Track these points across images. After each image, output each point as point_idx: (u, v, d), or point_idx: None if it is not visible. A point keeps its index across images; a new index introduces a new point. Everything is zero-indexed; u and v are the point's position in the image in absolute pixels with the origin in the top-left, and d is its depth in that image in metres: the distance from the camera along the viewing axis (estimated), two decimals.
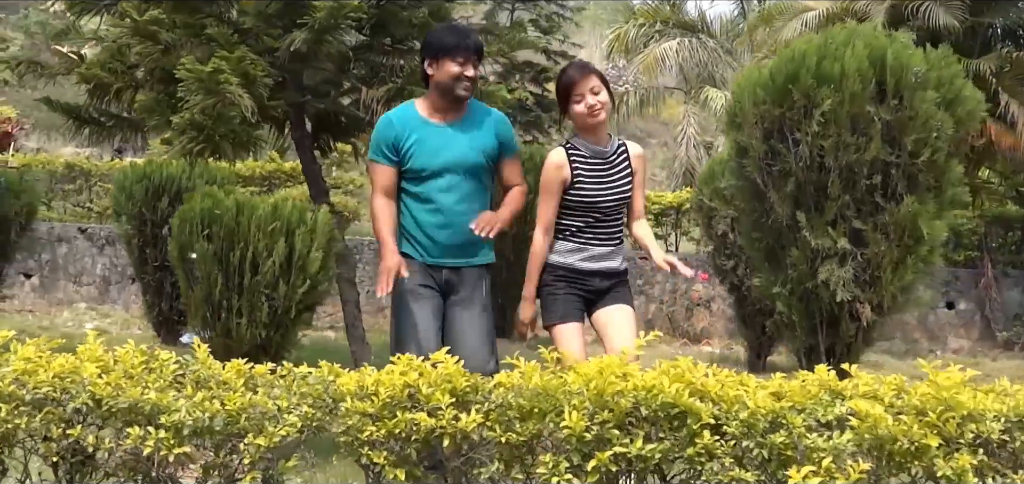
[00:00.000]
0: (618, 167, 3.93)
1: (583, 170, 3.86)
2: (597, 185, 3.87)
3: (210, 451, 2.38)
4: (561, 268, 3.89)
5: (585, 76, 3.87)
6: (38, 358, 2.55)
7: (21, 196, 5.80)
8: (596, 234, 3.92)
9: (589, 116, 3.82)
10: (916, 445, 2.04)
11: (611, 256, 3.94)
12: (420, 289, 3.86)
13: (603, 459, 2.17)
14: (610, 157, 3.93)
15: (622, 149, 3.99)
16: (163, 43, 5.69)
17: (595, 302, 3.95)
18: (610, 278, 3.94)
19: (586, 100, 3.81)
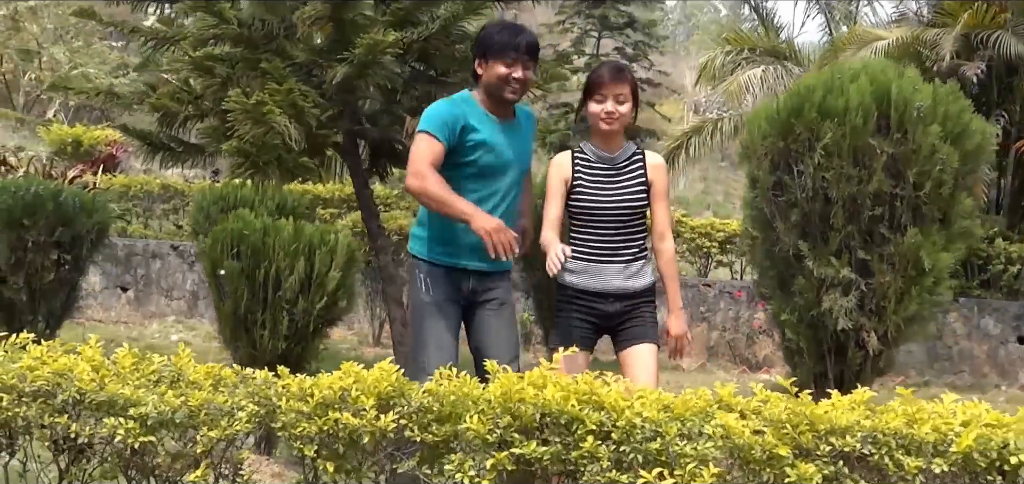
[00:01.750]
0: (627, 174, 3.75)
1: (585, 174, 3.73)
2: (598, 190, 3.71)
3: (177, 441, 2.73)
4: (570, 289, 3.76)
5: (616, 80, 3.72)
6: (45, 358, 2.94)
7: (93, 215, 6.31)
8: (604, 247, 3.73)
9: (602, 120, 3.68)
10: (769, 454, 2.25)
11: (626, 273, 3.73)
12: (444, 304, 3.76)
13: (500, 459, 2.43)
14: (619, 163, 3.75)
15: (636, 157, 3.79)
16: (220, 77, 6.18)
17: (617, 330, 3.77)
18: (624, 300, 3.73)
19: (606, 104, 3.67)
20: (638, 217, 3.78)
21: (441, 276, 3.80)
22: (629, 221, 3.75)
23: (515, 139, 3.84)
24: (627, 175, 3.75)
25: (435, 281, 3.80)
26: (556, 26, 19.78)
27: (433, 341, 3.68)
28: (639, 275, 3.77)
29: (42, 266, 6.11)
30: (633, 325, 3.76)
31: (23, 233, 6.05)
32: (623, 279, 3.73)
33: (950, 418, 2.35)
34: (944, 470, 2.21)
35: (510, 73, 3.70)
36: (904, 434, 2.28)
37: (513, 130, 3.84)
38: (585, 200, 3.72)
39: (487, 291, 3.84)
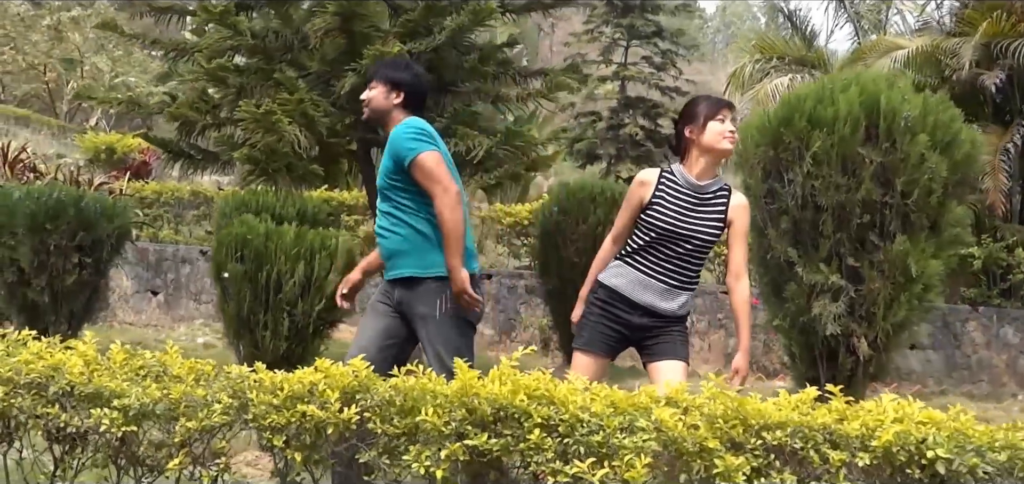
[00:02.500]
0: (711, 205, 3.75)
1: (668, 196, 3.74)
2: (675, 213, 3.72)
3: (159, 432, 2.90)
4: (604, 289, 3.80)
5: (729, 108, 3.81)
6: (41, 353, 3.13)
7: (114, 220, 6.54)
8: (657, 262, 3.74)
9: (725, 138, 3.71)
10: (700, 446, 2.37)
11: (665, 296, 3.73)
12: (377, 305, 4.04)
13: (453, 449, 2.57)
14: (705, 194, 3.75)
15: (722, 191, 3.79)
16: (234, 87, 6.40)
17: (644, 344, 3.80)
18: (656, 318, 3.74)
19: (727, 123, 3.72)
20: (703, 249, 3.78)
21: (381, 284, 4.10)
22: (691, 247, 3.74)
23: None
24: (710, 206, 3.76)
25: (381, 283, 4.10)
26: (584, 35, 19.88)
27: (360, 333, 3.97)
28: (678, 300, 3.77)
29: (64, 269, 6.36)
30: (662, 341, 3.77)
31: (46, 237, 6.29)
32: (661, 299, 3.74)
33: (880, 415, 2.45)
34: (867, 464, 2.32)
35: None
36: (832, 429, 2.39)
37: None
38: (658, 216, 3.73)
39: (415, 303, 3.91)
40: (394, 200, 3.95)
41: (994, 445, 2.29)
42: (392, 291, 4.03)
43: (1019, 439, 2.29)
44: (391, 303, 4.03)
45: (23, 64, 28.61)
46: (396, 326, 4.01)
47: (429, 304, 3.89)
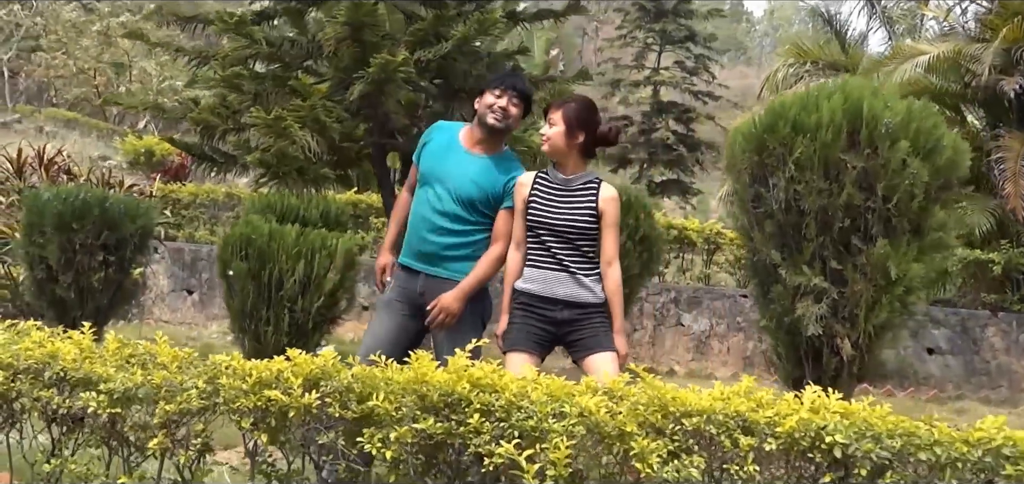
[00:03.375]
0: (578, 197, 4.07)
1: (539, 194, 4.09)
2: (547, 208, 4.05)
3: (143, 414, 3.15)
4: (521, 294, 4.10)
5: (551, 108, 4.13)
6: (42, 341, 3.41)
7: (137, 220, 6.86)
8: (549, 257, 4.06)
9: (544, 143, 4.11)
10: (619, 430, 2.56)
11: (568, 284, 4.04)
12: (393, 303, 4.29)
13: (402, 432, 2.79)
14: (573, 187, 4.09)
15: (591, 185, 4.11)
16: (250, 93, 6.68)
17: (571, 343, 4.09)
18: (573, 309, 4.05)
19: (544, 128, 4.11)
20: (585, 237, 4.08)
21: (398, 276, 4.33)
22: (570, 236, 4.06)
23: (473, 168, 4.25)
24: (577, 198, 4.08)
25: (395, 282, 4.34)
26: (617, 40, 20.04)
27: (371, 332, 4.21)
28: (582, 287, 4.06)
29: (89, 266, 6.68)
30: (586, 335, 4.07)
31: (72, 236, 6.62)
32: (566, 288, 4.05)
33: (797, 405, 2.63)
34: (773, 448, 2.50)
35: (496, 102, 4.21)
36: (745, 417, 2.58)
37: (480, 161, 4.27)
38: (533, 215, 4.09)
39: (433, 294, 4.19)
40: (480, 218, 4.25)
41: (892, 433, 2.46)
42: (414, 280, 4.26)
43: (914, 428, 2.45)
44: (410, 294, 4.26)
45: (74, 68, 29.33)
46: (411, 325, 4.27)
47: None
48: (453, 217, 4.24)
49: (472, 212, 4.24)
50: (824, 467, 2.47)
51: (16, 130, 24.27)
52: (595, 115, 4.23)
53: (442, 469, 2.87)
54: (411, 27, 6.77)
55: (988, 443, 2.37)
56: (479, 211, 4.25)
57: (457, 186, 4.24)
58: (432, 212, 4.25)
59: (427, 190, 4.30)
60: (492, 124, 4.22)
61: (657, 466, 2.50)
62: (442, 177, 4.26)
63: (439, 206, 4.24)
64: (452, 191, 4.24)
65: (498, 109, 4.20)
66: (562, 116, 4.08)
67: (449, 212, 4.23)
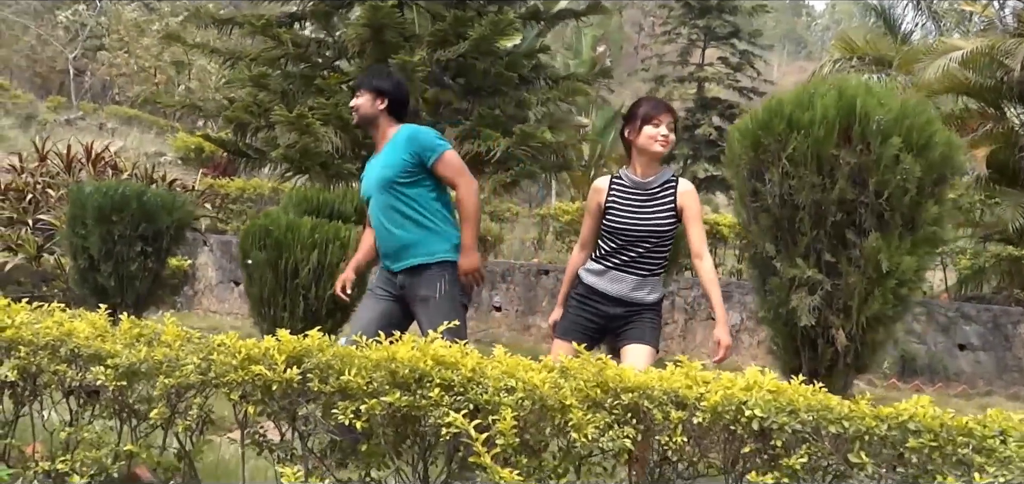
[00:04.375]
0: (659, 200, 4.16)
1: (619, 198, 4.18)
2: (629, 213, 4.14)
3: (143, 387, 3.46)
4: (581, 285, 4.27)
5: (665, 112, 4.18)
6: (61, 320, 3.73)
7: (173, 213, 7.24)
8: (622, 260, 4.15)
9: (657, 142, 4.12)
10: (560, 403, 2.79)
11: (635, 287, 4.15)
12: (376, 290, 4.67)
13: (371, 405, 3.05)
14: (653, 190, 4.17)
15: (669, 184, 4.20)
16: (277, 91, 7.01)
17: (617, 333, 4.20)
18: (629, 307, 4.17)
19: (662, 128, 4.13)
20: (664, 241, 4.20)
21: (381, 272, 4.70)
22: (650, 241, 4.16)
23: (378, 163, 4.59)
24: (658, 201, 4.17)
25: (379, 274, 4.68)
26: (661, 36, 20.13)
27: (360, 313, 4.54)
28: (647, 288, 4.20)
29: (128, 256, 7.07)
30: (632, 327, 4.19)
31: (112, 227, 7.02)
32: (632, 290, 4.18)
33: (729, 384, 2.83)
34: (700, 421, 2.71)
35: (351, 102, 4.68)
36: (677, 393, 2.79)
37: (381, 155, 4.61)
38: (613, 221, 4.19)
39: (411, 289, 4.51)
40: (403, 196, 4.49)
41: (809, 408, 2.65)
42: (394, 278, 4.58)
43: (829, 403, 2.64)
44: (392, 290, 4.58)
45: (135, 67, 30.20)
46: (394, 309, 4.58)
47: (430, 287, 4.47)
48: (389, 206, 4.53)
49: (396, 189, 4.50)
50: (745, 438, 2.67)
51: (79, 127, 25.13)
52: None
53: (410, 439, 3.13)
54: (433, 27, 7.03)
55: (895, 419, 2.56)
56: (401, 184, 4.50)
57: (377, 180, 4.57)
58: (378, 218, 4.59)
59: (371, 209, 4.67)
60: (356, 125, 4.78)
61: (593, 435, 2.73)
62: (368, 188, 4.65)
63: (379, 209, 4.57)
64: (377, 189, 4.58)
65: (353, 110, 4.68)
66: (673, 120, 4.21)
67: (384, 205, 4.54)
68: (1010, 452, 2.49)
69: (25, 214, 9.13)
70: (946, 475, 2.48)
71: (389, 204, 4.50)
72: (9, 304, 3.91)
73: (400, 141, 4.53)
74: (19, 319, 3.77)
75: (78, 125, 25.50)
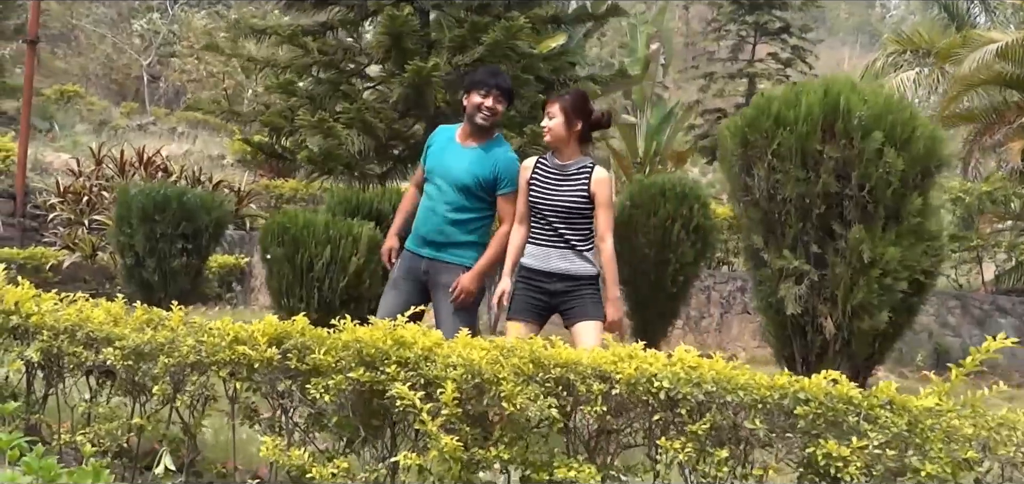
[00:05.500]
0: (573, 180, 4.66)
1: (539, 177, 4.71)
2: (546, 189, 4.66)
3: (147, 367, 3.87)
4: (523, 269, 4.73)
5: (549, 102, 4.78)
6: (82, 308, 4.18)
7: (212, 212, 7.72)
8: (546, 235, 4.65)
9: (545, 134, 4.73)
10: (496, 377, 3.12)
11: (564, 258, 4.63)
12: (398, 281, 4.97)
13: (338, 380, 3.41)
14: (569, 171, 4.69)
15: (585, 168, 4.69)
16: (305, 97, 7.44)
17: (563, 309, 4.66)
18: (566, 281, 4.63)
19: (545, 121, 4.73)
20: (579, 215, 4.67)
21: (404, 257, 4.97)
22: (568, 216, 4.65)
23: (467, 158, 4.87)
24: (573, 181, 4.68)
25: (400, 263, 4.99)
26: (710, 32, 20.22)
27: (380, 308, 4.78)
28: (578, 262, 4.64)
29: (170, 253, 7.57)
30: (576, 305, 4.64)
31: (154, 226, 7.52)
32: (562, 263, 4.64)
33: (651, 359, 3.12)
34: (618, 392, 3.01)
35: (483, 102, 4.84)
36: (601, 368, 3.09)
37: (471, 152, 4.89)
38: (534, 197, 4.71)
39: (435, 274, 4.87)
40: (478, 202, 4.89)
41: (714, 380, 2.93)
42: (419, 263, 4.91)
43: (730, 374, 2.92)
44: (414, 276, 4.91)
45: (204, 73, 31.17)
46: (414, 298, 4.82)
47: (452, 276, 4.87)
48: (456, 206, 4.88)
49: (470, 198, 4.87)
50: (655, 407, 2.97)
51: (150, 131, 26.09)
52: (588, 104, 4.86)
53: (374, 410, 3.48)
54: (452, 33, 7.38)
55: (785, 389, 2.83)
56: (476, 196, 4.88)
57: (456, 177, 4.88)
58: (438, 203, 4.90)
59: (431, 186, 4.97)
60: (481, 123, 4.89)
61: (522, 404, 3.05)
62: (443, 172, 4.92)
63: (443, 198, 4.89)
64: (452, 182, 4.87)
65: (486, 109, 4.86)
66: (560, 108, 4.71)
67: (452, 202, 4.88)
68: (892, 419, 2.74)
69: (82, 215, 9.76)
70: (828, 439, 2.74)
71: (462, 204, 4.83)
72: (38, 294, 4.36)
73: (492, 153, 4.88)
74: (44, 307, 4.22)
75: (149, 130, 26.47)
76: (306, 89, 7.40)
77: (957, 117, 12.87)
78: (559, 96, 4.84)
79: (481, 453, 3.19)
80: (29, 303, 4.23)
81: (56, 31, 39.08)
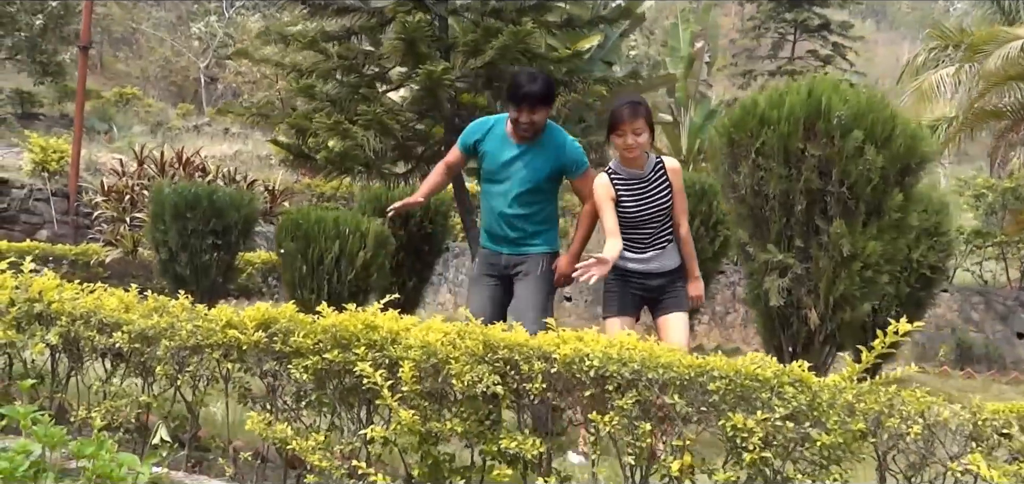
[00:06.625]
0: (656, 184, 5.02)
1: (626, 192, 4.96)
2: (640, 203, 4.97)
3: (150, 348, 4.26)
4: (622, 270, 5.05)
5: (633, 117, 4.87)
6: (98, 296, 4.59)
7: (241, 209, 8.14)
8: (645, 242, 5.00)
9: (625, 152, 4.91)
10: (445, 356, 3.44)
11: (660, 257, 5.02)
12: (481, 278, 5.30)
13: (314, 360, 3.76)
14: (648, 176, 5.00)
15: (660, 166, 5.04)
16: (325, 100, 7.81)
17: (656, 302, 5.05)
18: (664, 277, 5.06)
19: (627, 138, 4.87)
20: (669, 213, 5.09)
21: (483, 255, 5.33)
22: (664, 219, 5.07)
23: (528, 157, 5.16)
24: (656, 185, 5.03)
25: (480, 260, 5.33)
26: (749, 30, 20.29)
27: (471, 304, 5.01)
28: (670, 255, 5.12)
29: (201, 248, 8.01)
30: (669, 297, 5.10)
31: (186, 223, 7.96)
32: (659, 261, 5.06)
33: (591, 343, 3.42)
34: (556, 370, 3.31)
35: (518, 117, 5.05)
36: (544, 349, 3.40)
37: (530, 152, 5.16)
38: (626, 210, 4.98)
39: (515, 266, 5.20)
40: (544, 195, 5.22)
41: (640, 360, 3.22)
42: (499, 259, 5.25)
43: (653, 356, 3.21)
44: (496, 271, 5.26)
45: (258, 74, 31.94)
46: (497, 291, 5.26)
47: (534, 265, 5.22)
48: (524, 203, 5.19)
49: (537, 194, 5.20)
50: (587, 383, 3.27)
51: (204, 132, 26.84)
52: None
53: (349, 388, 3.83)
54: (465, 38, 7.71)
55: (701, 367, 3.12)
56: (542, 191, 5.21)
57: (523, 178, 5.17)
58: (506, 205, 5.20)
59: (495, 186, 5.24)
60: (525, 137, 5.14)
61: (469, 382, 3.37)
62: (509, 174, 5.18)
63: (510, 196, 5.18)
64: (522, 181, 5.16)
65: (524, 124, 5.09)
66: (646, 123, 4.95)
67: (521, 200, 5.18)
68: (795, 395, 3.01)
69: (124, 213, 10.28)
70: (737, 412, 3.02)
71: (528, 199, 5.12)
72: (61, 284, 4.79)
73: (553, 142, 5.18)
74: (65, 295, 4.64)
75: (204, 131, 27.22)
76: (329, 93, 7.76)
77: (985, 114, 12.88)
78: (636, 110, 4.94)
79: (437, 426, 3.51)
80: (52, 292, 4.65)
81: (118, 35, 40.32)
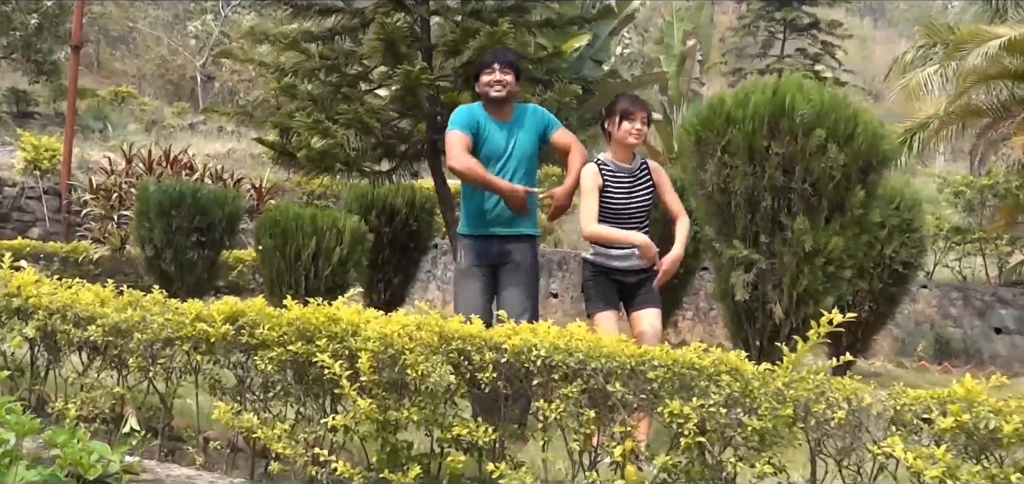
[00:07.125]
0: (642, 181, 5.19)
1: (613, 184, 5.05)
2: (627, 196, 5.10)
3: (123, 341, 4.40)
4: (598, 265, 5.13)
5: (642, 108, 5.15)
6: (75, 291, 4.72)
7: (225, 207, 8.28)
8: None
9: (632, 137, 5.05)
10: (402, 347, 3.58)
11: (638, 256, 5.06)
12: (471, 269, 5.18)
13: (278, 353, 3.90)
14: (635, 172, 5.17)
15: (644, 166, 5.25)
16: (305, 99, 7.95)
17: (631, 298, 5.12)
18: (641, 274, 5.13)
19: (636, 124, 5.07)
20: (650, 212, 5.26)
21: (471, 246, 5.19)
22: (646, 216, 5.23)
23: (515, 132, 5.18)
24: (642, 181, 5.19)
25: (468, 251, 5.24)
26: (740, 28, 20.42)
27: (467, 301, 5.09)
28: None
29: (185, 245, 8.15)
30: (646, 292, 5.20)
31: (171, 220, 8.11)
32: (635, 259, 5.12)
33: (540, 335, 3.56)
34: (505, 359, 3.45)
35: (492, 77, 5.10)
36: (494, 340, 3.54)
37: (513, 127, 5.19)
38: (612, 202, 5.07)
39: (506, 252, 5.16)
40: (535, 166, 5.31)
41: (586, 350, 3.36)
42: (490, 246, 5.18)
43: (596, 347, 3.34)
44: (486, 260, 5.18)
45: (252, 73, 32.06)
46: (486, 282, 5.22)
47: (525, 255, 5.25)
48: (524, 176, 5.22)
49: (532, 164, 5.27)
50: (534, 372, 3.41)
51: (199, 131, 26.99)
52: None
53: (314, 378, 3.97)
54: (443, 38, 7.85)
55: (641, 356, 3.26)
56: (535, 163, 5.31)
57: (524, 147, 5.22)
58: (509, 179, 5.15)
59: (495, 165, 5.15)
60: (497, 95, 5.15)
61: (424, 371, 3.51)
62: (501, 154, 5.17)
63: (511, 171, 5.18)
64: (517, 157, 5.20)
65: (496, 83, 5.13)
66: (647, 116, 5.20)
67: (522, 173, 5.21)
68: (730, 382, 3.15)
69: (112, 211, 10.42)
70: (674, 399, 3.16)
71: (530, 171, 5.19)
72: (39, 279, 4.93)
73: (525, 114, 5.24)
74: (43, 289, 4.78)
75: (199, 129, 27.36)
76: (310, 92, 7.90)
77: (965, 112, 13.02)
78: (638, 104, 5.16)
79: (396, 414, 3.65)
80: (30, 287, 4.79)
81: (115, 33, 40.45)
